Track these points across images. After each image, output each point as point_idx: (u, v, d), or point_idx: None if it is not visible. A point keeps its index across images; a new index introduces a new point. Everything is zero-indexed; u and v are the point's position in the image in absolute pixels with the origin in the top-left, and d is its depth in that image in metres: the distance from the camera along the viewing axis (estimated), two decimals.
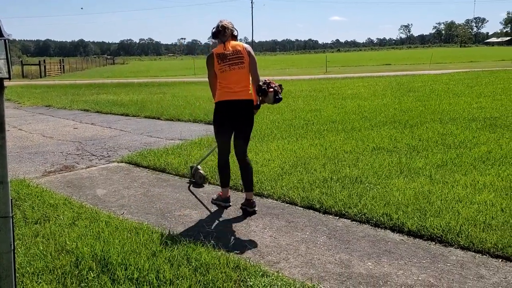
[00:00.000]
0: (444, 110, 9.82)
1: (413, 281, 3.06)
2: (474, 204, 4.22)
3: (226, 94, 4.18)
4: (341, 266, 3.30)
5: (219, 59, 4.15)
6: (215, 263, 3.21)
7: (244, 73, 4.21)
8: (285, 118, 9.57)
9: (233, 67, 4.15)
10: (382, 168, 5.48)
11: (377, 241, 3.70)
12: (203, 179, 5.30)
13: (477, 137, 7.01)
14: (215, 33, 4.26)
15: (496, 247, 3.42)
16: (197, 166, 5.38)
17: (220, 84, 4.21)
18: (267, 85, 4.19)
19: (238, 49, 4.20)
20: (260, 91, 4.19)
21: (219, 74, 4.18)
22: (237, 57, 4.17)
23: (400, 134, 7.39)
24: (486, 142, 6.67)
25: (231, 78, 4.16)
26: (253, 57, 4.26)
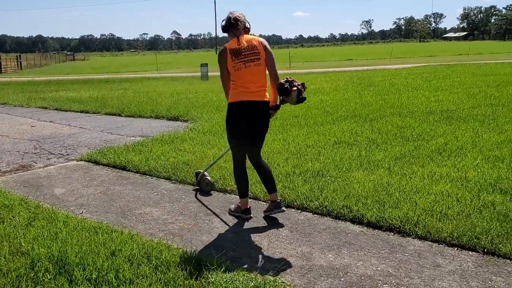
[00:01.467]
0: (403, 103, 10.05)
1: (372, 271, 3.12)
2: (431, 194, 4.34)
3: (242, 94, 3.76)
4: (303, 259, 3.33)
5: (233, 56, 3.72)
6: (176, 260, 3.17)
7: (261, 70, 3.80)
8: None
9: (249, 64, 3.73)
10: (343, 161, 5.57)
11: (338, 233, 3.76)
12: (210, 185, 4.86)
13: (434, 129, 7.21)
14: (226, 26, 3.84)
15: (452, 236, 3.53)
16: (203, 172, 4.95)
17: (235, 83, 3.78)
18: (290, 83, 3.81)
19: (253, 44, 3.78)
20: (283, 90, 3.80)
21: (233, 72, 3.76)
22: (253, 52, 3.75)
23: (361, 128, 7.52)
24: (443, 134, 6.88)
25: (247, 77, 3.74)
26: (270, 52, 3.85)
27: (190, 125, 8.82)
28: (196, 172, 5.08)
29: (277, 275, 3.07)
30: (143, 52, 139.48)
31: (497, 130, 7.03)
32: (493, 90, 11.78)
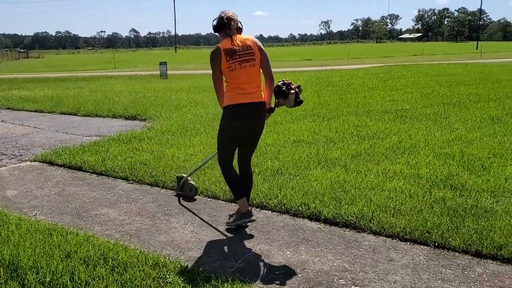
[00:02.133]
0: (359, 103, 10.28)
1: (329, 267, 3.19)
2: (385, 191, 4.47)
3: (238, 96, 3.58)
4: (261, 256, 3.37)
5: (227, 56, 3.54)
6: (133, 261, 3.14)
7: (256, 71, 3.66)
8: (208, 112, 9.54)
9: (244, 64, 3.57)
10: (302, 159, 5.65)
11: (296, 230, 3.82)
12: (194, 190, 4.65)
13: (389, 128, 7.42)
14: (218, 26, 3.67)
15: (404, 231, 3.65)
16: (187, 177, 4.70)
17: (230, 84, 3.61)
18: (287, 86, 3.71)
19: (248, 44, 3.63)
20: (280, 92, 3.70)
21: (228, 73, 3.58)
22: (248, 53, 3.60)
23: (319, 127, 7.65)
24: (397, 132, 7.09)
25: (243, 78, 3.58)
26: (264, 52, 3.71)
27: (148, 124, 8.70)
28: (178, 176, 4.82)
29: (237, 274, 3.09)
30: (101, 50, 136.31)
31: (448, 128, 7.31)
32: (445, 90, 12.22)
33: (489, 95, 11.10)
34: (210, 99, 11.46)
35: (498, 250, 3.29)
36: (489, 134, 6.87)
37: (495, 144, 6.20)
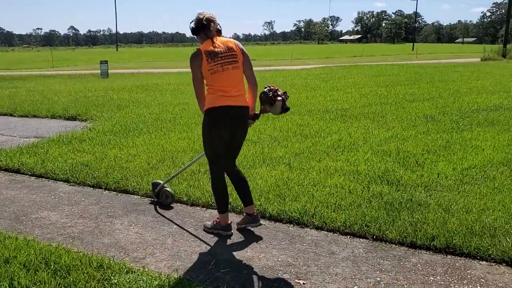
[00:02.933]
0: (302, 103, 10.52)
1: (274, 262, 3.28)
2: (326, 187, 4.64)
3: (221, 98, 3.45)
4: (207, 255, 3.40)
5: (209, 58, 3.42)
6: (77, 264, 3.08)
7: (239, 74, 3.55)
8: (152, 112, 9.43)
9: (226, 66, 3.46)
10: (247, 158, 5.73)
11: (242, 228, 3.88)
12: (171, 198, 4.43)
13: (330, 127, 7.66)
14: (196, 29, 3.54)
15: (345, 225, 3.81)
16: (164, 184, 4.48)
17: (212, 87, 3.48)
18: (274, 92, 3.59)
19: (230, 46, 3.52)
20: (266, 99, 3.58)
21: (209, 76, 3.45)
22: (230, 55, 3.49)
23: (264, 126, 7.76)
24: (338, 131, 7.33)
25: (225, 80, 3.46)
26: (247, 55, 3.60)
27: (89, 124, 8.48)
28: (153, 182, 4.58)
29: (182, 272, 3.11)
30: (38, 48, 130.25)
31: (385, 127, 7.65)
32: (383, 90, 12.74)
33: (423, 95, 11.69)
34: (153, 98, 11.33)
35: (431, 241, 3.51)
36: (423, 131, 7.25)
37: (428, 141, 6.56)
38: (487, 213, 3.96)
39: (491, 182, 4.78)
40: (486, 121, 8.06)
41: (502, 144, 6.38)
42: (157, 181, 4.56)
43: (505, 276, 3.08)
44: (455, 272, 3.14)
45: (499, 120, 8.20)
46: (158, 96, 12.07)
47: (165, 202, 4.43)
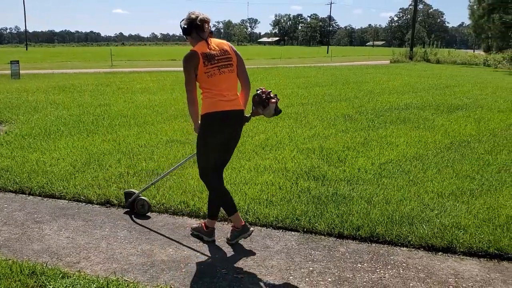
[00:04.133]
0: None
1: (211, 259, 3.37)
2: (257, 185, 4.79)
3: (219, 103, 3.32)
4: (144, 256, 3.40)
5: (205, 60, 3.28)
6: (7, 272, 2.95)
7: (235, 77, 3.45)
8: (72, 113, 9.06)
9: (223, 70, 3.34)
10: (177, 159, 5.74)
11: (176, 228, 3.91)
12: (147, 207, 4.20)
13: (257, 127, 7.85)
14: (189, 29, 3.37)
15: (277, 219, 3.98)
16: (139, 193, 4.24)
17: (209, 91, 3.33)
18: (267, 94, 3.49)
19: (225, 48, 3.41)
20: (260, 102, 3.49)
21: (205, 79, 3.30)
22: (226, 57, 3.37)
23: (191, 127, 7.74)
24: (264, 131, 7.54)
25: (222, 84, 3.34)
26: (241, 57, 3.50)
27: (4, 128, 7.97)
28: (126, 192, 4.33)
29: (119, 275, 3.09)
30: None
31: (308, 126, 7.98)
32: (303, 91, 13.23)
33: (340, 95, 12.30)
34: (72, 100, 10.89)
35: (357, 231, 3.78)
36: (342, 130, 7.67)
37: (348, 139, 6.96)
38: (405, 203, 4.33)
39: (406, 175, 5.21)
40: (398, 119, 8.69)
41: (413, 140, 6.93)
42: (130, 190, 4.32)
43: (423, 260, 3.40)
44: (380, 258, 3.41)
45: (410, 118, 8.87)
46: (77, 97, 11.59)
47: (141, 212, 4.21)
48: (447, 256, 3.47)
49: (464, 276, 3.17)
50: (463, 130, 7.78)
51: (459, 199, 4.46)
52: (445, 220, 3.93)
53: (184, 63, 3.32)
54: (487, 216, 4.04)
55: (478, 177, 5.17)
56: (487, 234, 3.69)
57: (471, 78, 19.53)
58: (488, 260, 3.42)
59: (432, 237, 3.65)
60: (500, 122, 8.68)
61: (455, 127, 8.06)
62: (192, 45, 3.40)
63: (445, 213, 4.10)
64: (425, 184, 4.89)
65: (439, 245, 3.57)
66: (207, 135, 3.39)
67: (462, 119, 8.85)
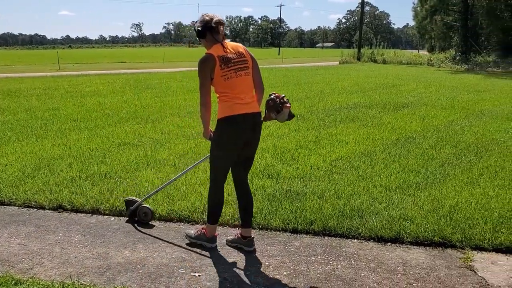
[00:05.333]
0: (180, 105, 10.61)
1: (168, 259, 3.38)
2: None
3: (237, 106, 3.25)
4: (99, 259, 3.37)
5: (222, 64, 3.20)
6: None
7: (251, 80, 3.37)
8: (19, 118, 8.75)
9: (240, 73, 3.27)
10: (130, 162, 5.69)
11: (132, 230, 3.90)
12: (150, 214, 4.05)
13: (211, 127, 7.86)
14: (203, 31, 3.29)
15: (233, 218, 4.06)
16: (142, 201, 4.10)
17: (226, 94, 3.25)
18: (280, 99, 3.42)
19: (240, 51, 3.34)
20: (274, 106, 3.41)
21: (222, 82, 3.22)
22: (242, 60, 3.31)
23: (144, 129, 7.72)
24: None
25: (239, 87, 3.27)
26: (255, 60, 3.43)
27: None
28: (127, 200, 4.17)
29: (74, 279, 3.06)
30: None
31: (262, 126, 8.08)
32: None
33: (292, 96, 12.51)
34: (18, 105, 10.50)
35: (310, 225, 3.90)
36: (295, 129, 7.84)
37: (300, 138, 7.12)
38: (355, 197, 4.50)
39: (356, 170, 5.41)
40: (347, 118, 8.97)
41: (362, 138, 7.19)
42: (131, 198, 4.17)
43: (373, 251, 3.57)
44: (332, 251, 3.54)
45: (358, 116, 9.18)
46: (23, 101, 11.19)
47: (144, 220, 4.08)
48: (396, 246, 3.65)
49: (412, 264, 3.35)
50: (408, 127, 8.14)
51: (405, 192, 4.69)
52: (393, 212, 4.13)
53: (200, 66, 3.23)
54: (432, 207, 4.28)
55: (423, 170, 5.44)
56: (432, 224, 3.92)
57: (415, 77, 20.37)
58: (433, 248, 3.63)
59: (381, 228, 3.83)
60: (443, 118, 9.14)
61: (401, 124, 8.42)
62: (206, 48, 3.32)
63: (393, 206, 4.30)
64: (374, 179, 5.10)
65: (388, 236, 3.76)
66: (224, 139, 3.31)
67: (408, 116, 9.25)
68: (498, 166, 5.70)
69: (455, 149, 6.57)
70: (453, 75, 22.98)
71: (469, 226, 3.88)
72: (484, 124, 8.62)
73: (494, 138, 7.38)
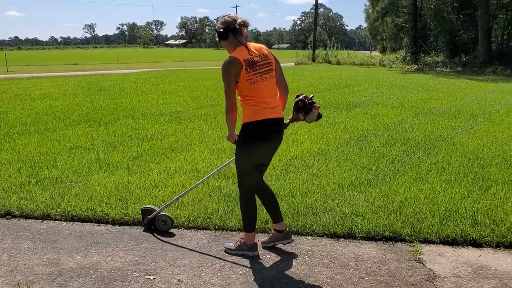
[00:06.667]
0: (134, 107, 10.44)
1: (121, 263, 3.33)
2: (168, 187, 4.80)
3: (264, 111, 3.19)
4: (50, 265, 3.28)
5: (248, 67, 3.12)
6: None
7: (275, 83, 3.31)
8: None
9: (265, 76, 3.20)
10: (82, 165, 5.55)
11: (84, 235, 3.82)
12: (170, 222, 3.90)
13: (166, 129, 7.82)
14: (225, 33, 3.18)
15: (189, 220, 4.04)
16: (160, 210, 3.91)
17: (252, 98, 3.18)
18: (309, 100, 3.38)
19: (264, 53, 3.24)
20: (304, 107, 3.38)
21: (247, 86, 3.15)
22: (267, 63, 3.22)
23: (96, 132, 7.55)
24: (174, 133, 7.53)
25: (265, 91, 3.20)
26: (278, 61, 3.36)
27: None
28: (144, 208, 3.98)
29: (24, 286, 2.97)
30: None
31: (218, 127, 8.10)
32: (212, 93, 13.33)
33: None
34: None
35: (266, 224, 3.94)
36: None
37: None
38: (309, 195, 4.59)
39: (310, 169, 5.51)
40: None
41: (316, 137, 7.32)
42: (147, 207, 3.99)
43: (326, 247, 3.65)
44: (287, 248, 3.59)
45: None
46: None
47: (162, 228, 3.92)
48: (348, 242, 3.75)
49: (364, 259, 3.45)
50: (360, 126, 8.36)
51: (357, 189, 4.82)
52: (346, 209, 4.24)
53: (224, 69, 3.14)
54: (383, 203, 4.42)
55: (374, 168, 5.61)
56: (383, 219, 4.04)
57: (368, 77, 20.91)
58: (384, 242, 3.75)
59: (334, 225, 3.92)
60: (393, 117, 9.44)
61: (354, 123, 8.64)
62: (228, 51, 3.25)
63: (345, 202, 4.41)
64: (327, 177, 5.21)
65: (341, 232, 3.85)
66: (250, 143, 3.27)
67: (360, 116, 9.49)
68: (445, 162, 5.95)
69: (405, 146, 6.80)
70: (403, 75, 23.74)
71: (418, 220, 4.04)
72: (433, 122, 8.97)
73: (441, 135, 7.69)
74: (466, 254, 3.58)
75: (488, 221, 4.00)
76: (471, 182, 5.11)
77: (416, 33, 36.41)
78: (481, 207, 4.34)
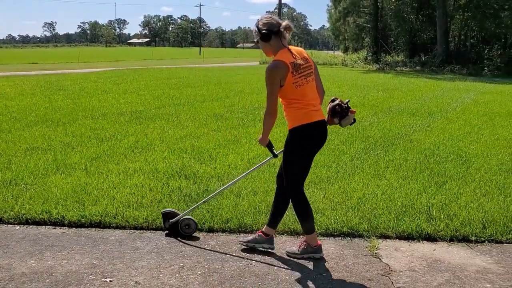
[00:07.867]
0: (94, 106, 10.22)
1: (77, 266, 3.25)
2: (127, 188, 4.72)
3: (312, 113, 3.20)
4: (1, 271, 3.17)
5: (294, 70, 3.10)
6: None
7: (315, 85, 3.31)
8: None
9: (308, 79, 3.19)
10: (38, 167, 5.40)
11: (39, 239, 3.71)
12: (194, 225, 3.79)
13: (126, 129, 7.69)
14: (269, 35, 3.15)
15: (147, 221, 3.98)
16: (184, 214, 3.81)
17: (298, 102, 3.17)
18: (345, 104, 3.37)
19: (305, 56, 3.23)
20: (342, 111, 3.34)
21: (293, 89, 3.14)
22: (308, 66, 3.22)
23: (54, 132, 7.35)
24: (134, 133, 7.42)
25: (310, 94, 3.21)
26: (315, 64, 3.37)
27: None
28: (165, 212, 3.86)
29: None
30: None
31: (180, 126, 8.03)
32: (175, 92, 13.21)
33: (212, 96, 12.54)
34: None
35: (226, 223, 3.94)
36: (214, 129, 7.86)
37: (219, 137, 7.15)
38: (270, 193, 4.59)
39: (272, 167, 5.52)
40: None
41: (279, 136, 7.33)
42: (169, 210, 3.88)
43: (286, 244, 3.67)
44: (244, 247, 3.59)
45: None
46: None
47: (185, 232, 3.80)
48: None
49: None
50: None
51: (317, 186, 4.88)
52: None
53: (270, 73, 3.11)
54: (341, 200, 4.49)
55: (334, 165, 5.69)
56: (341, 215, 4.11)
57: (330, 77, 21.17)
58: (342, 238, 3.81)
59: (293, 222, 3.94)
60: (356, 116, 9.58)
61: None
62: (266, 53, 3.28)
63: None
64: None
65: (300, 229, 3.87)
66: (303, 147, 3.25)
67: None
68: (402, 158, 6.09)
69: (364, 144, 6.93)
70: (365, 75, 24.20)
71: (375, 216, 4.12)
72: (391, 120, 9.18)
73: (399, 132, 7.88)
74: (421, 248, 3.68)
75: (442, 216, 4.13)
76: (427, 178, 5.26)
77: (377, 33, 37.12)
78: (436, 202, 4.47)
